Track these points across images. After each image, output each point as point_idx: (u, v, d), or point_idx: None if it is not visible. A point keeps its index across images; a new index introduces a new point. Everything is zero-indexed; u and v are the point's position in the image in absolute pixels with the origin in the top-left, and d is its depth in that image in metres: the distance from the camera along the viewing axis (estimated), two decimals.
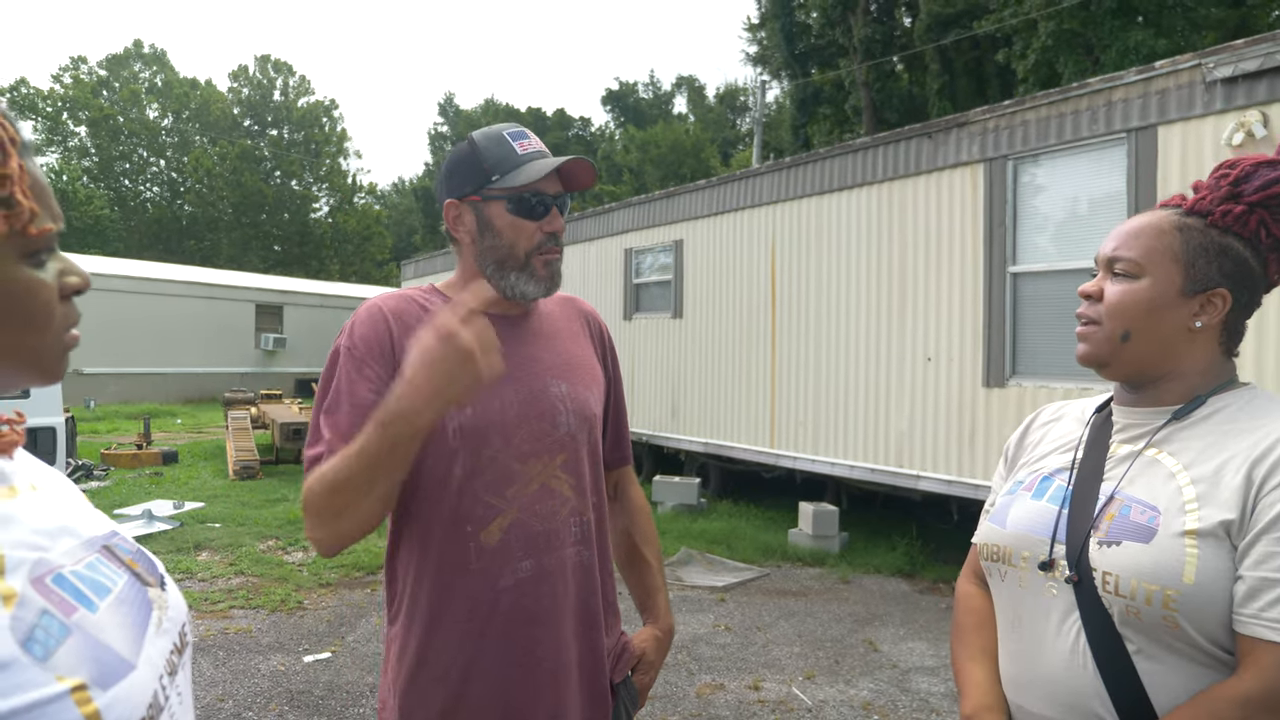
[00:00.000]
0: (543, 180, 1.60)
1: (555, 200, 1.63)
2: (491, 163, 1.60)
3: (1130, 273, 1.30)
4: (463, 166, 1.63)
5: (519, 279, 1.63)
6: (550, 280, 1.65)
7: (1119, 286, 1.31)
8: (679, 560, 7.34)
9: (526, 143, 1.63)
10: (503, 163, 1.60)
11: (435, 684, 1.57)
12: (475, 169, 1.61)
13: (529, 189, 1.60)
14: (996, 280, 6.57)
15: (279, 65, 49.85)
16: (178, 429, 17.73)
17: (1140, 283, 1.29)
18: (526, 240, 1.61)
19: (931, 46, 23.28)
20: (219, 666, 4.89)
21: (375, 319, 1.60)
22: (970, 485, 6.74)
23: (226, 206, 44.58)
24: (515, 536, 1.57)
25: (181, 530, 8.12)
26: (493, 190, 1.60)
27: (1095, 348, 1.34)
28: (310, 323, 26.55)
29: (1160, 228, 1.30)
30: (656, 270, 10.71)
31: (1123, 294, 1.30)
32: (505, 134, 1.63)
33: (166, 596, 0.87)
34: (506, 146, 1.61)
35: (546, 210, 1.62)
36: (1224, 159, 1.35)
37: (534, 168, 1.60)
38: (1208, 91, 5.32)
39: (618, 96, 55.02)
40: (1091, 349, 1.34)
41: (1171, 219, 1.30)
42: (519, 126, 1.66)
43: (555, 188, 1.64)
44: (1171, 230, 1.29)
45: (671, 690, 4.69)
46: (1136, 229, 1.32)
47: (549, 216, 1.63)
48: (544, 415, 1.62)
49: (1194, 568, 1.13)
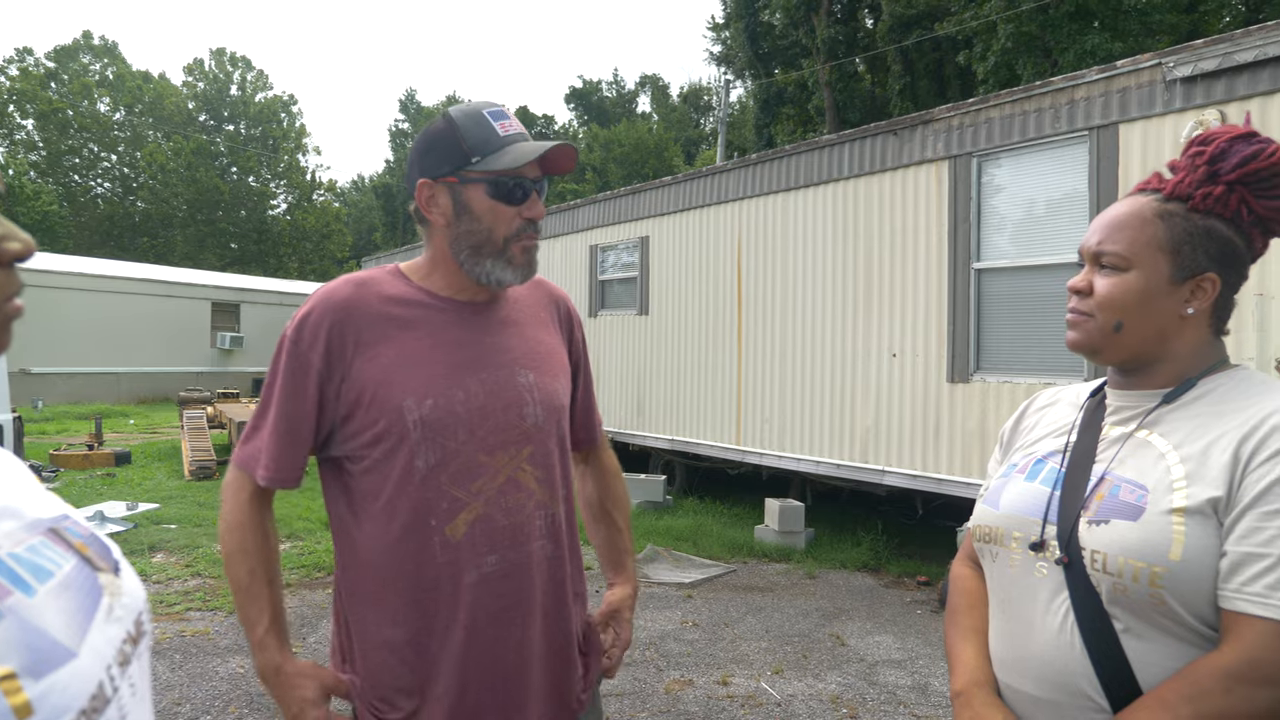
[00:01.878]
0: (524, 164, 1.55)
1: (536, 185, 1.59)
2: (471, 143, 1.54)
3: (1118, 266, 1.29)
4: (439, 145, 1.57)
5: (495, 265, 1.58)
6: (528, 267, 1.61)
7: (1108, 280, 1.30)
8: (645, 557, 7.31)
9: (508, 123, 1.57)
10: (484, 144, 1.54)
11: (397, 680, 1.54)
12: (453, 149, 1.55)
13: (511, 173, 1.55)
14: (961, 276, 6.62)
15: (236, 59, 49.08)
16: (131, 430, 17.37)
17: (1129, 275, 1.28)
18: (506, 225, 1.57)
19: (893, 48, 23.49)
20: (175, 670, 4.78)
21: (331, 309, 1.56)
22: (935, 480, 6.79)
23: (181, 203, 43.76)
24: (481, 531, 1.53)
25: (135, 532, 7.94)
26: (472, 173, 1.55)
27: (1087, 337, 1.33)
28: (268, 321, 26.15)
29: (1143, 217, 1.29)
30: (622, 267, 10.69)
31: (1112, 287, 1.29)
32: (486, 113, 1.57)
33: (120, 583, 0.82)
34: (488, 127, 1.55)
35: (527, 195, 1.57)
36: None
37: (518, 151, 1.55)
38: (1167, 90, 5.39)
39: (581, 95, 54.94)
40: (1083, 337, 1.34)
41: (1153, 206, 1.29)
42: (499, 105, 1.60)
43: (535, 172, 1.59)
44: (1154, 219, 1.28)
45: (640, 687, 4.66)
46: (1119, 220, 1.31)
47: (530, 201, 1.58)
48: (511, 406, 1.58)
49: (1181, 545, 1.14)
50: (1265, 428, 1.17)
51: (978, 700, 1.32)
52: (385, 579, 1.54)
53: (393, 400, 1.50)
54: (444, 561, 1.52)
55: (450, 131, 1.56)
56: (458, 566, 1.52)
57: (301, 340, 1.53)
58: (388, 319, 1.56)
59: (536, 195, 1.59)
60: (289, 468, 1.56)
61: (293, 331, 1.54)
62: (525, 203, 1.57)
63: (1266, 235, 1.30)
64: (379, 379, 1.51)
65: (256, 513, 1.57)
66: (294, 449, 1.55)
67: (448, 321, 1.59)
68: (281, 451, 1.54)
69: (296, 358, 1.53)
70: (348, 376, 1.53)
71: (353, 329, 1.53)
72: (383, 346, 1.53)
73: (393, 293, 1.59)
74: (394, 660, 1.54)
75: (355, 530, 1.57)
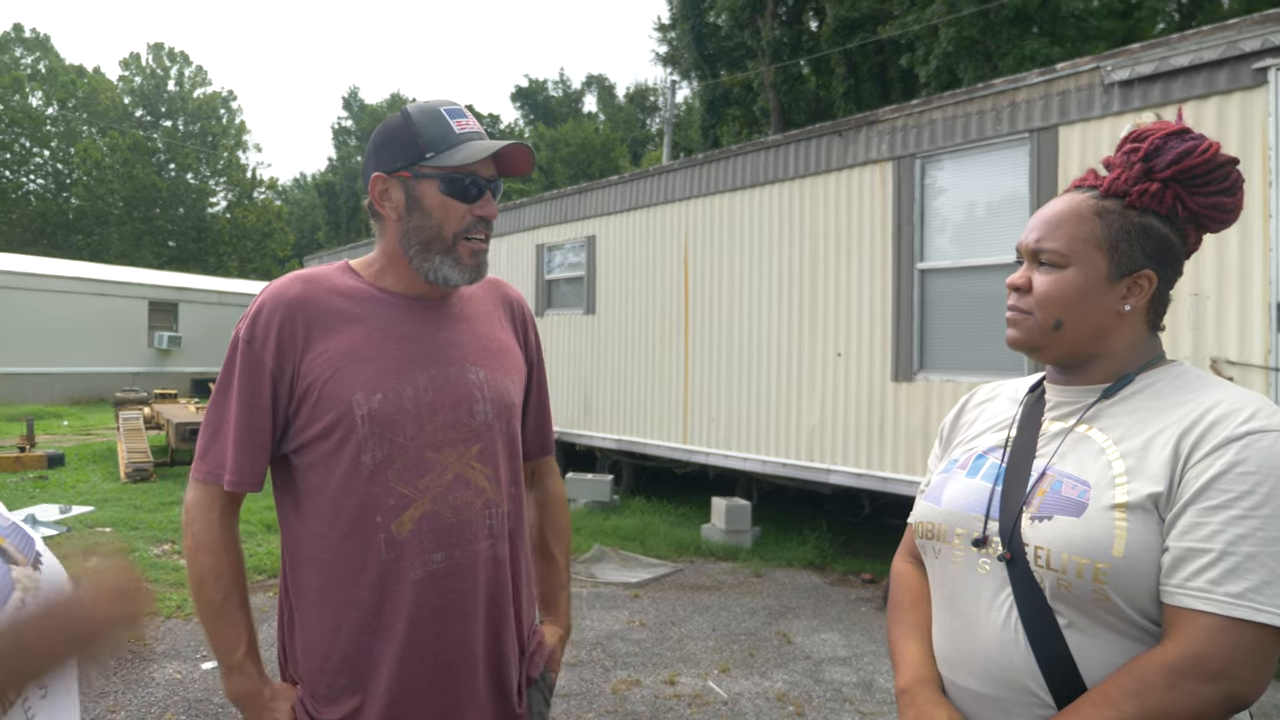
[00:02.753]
0: (479, 162, 1.55)
1: (490, 184, 1.59)
2: (427, 139, 1.55)
3: (1056, 263, 1.30)
4: (395, 140, 1.57)
5: (443, 263, 1.58)
6: (475, 268, 1.61)
7: (1047, 277, 1.31)
8: (592, 557, 7.28)
9: (464, 121, 1.58)
10: (439, 140, 1.55)
11: (338, 677, 1.52)
12: (409, 144, 1.55)
13: (465, 170, 1.55)
14: (905, 277, 6.69)
15: (174, 54, 48.02)
16: (64, 431, 16.89)
17: (1067, 272, 1.29)
18: (456, 222, 1.56)
19: (837, 50, 23.72)
20: (109, 676, 4.65)
21: (281, 305, 1.54)
22: (879, 478, 6.85)
23: (117, 200, 42.62)
24: (427, 528, 1.52)
25: (69, 535, 7.70)
26: (426, 168, 1.55)
27: (1026, 335, 1.34)
28: (208, 321, 25.61)
29: (1080, 214, 1.30)
30: (568, 267, 10.64)
31: (1051, 285, 1.30)
32: (443, 110, 1.58)
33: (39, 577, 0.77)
34: (444, 124, 1.56)
35: (480, 193, 1.57)
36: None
37: (472, 148, 1.55)
38: (1106, 93, 5.50)
39: (527, 94, 54.65)
40: (1022, 335, 1.35)
41: (1090, 203, 1.30)
42: (457, 104, 1.61)
43: (489, 171, 1.59)
44: (1091, 216, 1.29)
45: (587, 687, 4.63)
46: (1057, 217, 1.31)
47: (482, 200, 1.58)
48: (460, 403, 1.57)
49: (1124, 540, 1.14)
50: (1204, 423, 1.18)
51: (922, 698, 1.31)
52: (329, 575, 1.52)
53: (342, 394, 1.49)
54: (389, 558, 1.50)
55: (406, 127, 1.56)
56: (403, 563, 1.50)
57: (254, 339, 1.51)
58: (337, 314, 1.55)
59: (490, 194, 1.59)
60: (252, 471, 1.54)
61: (245, 332, 1.53)
62: (478, 200, 1.57)
63: (1200, 231, 1.31)
64: (328, 373, 1.50)
65: (229, 531, 1.56)
66: (257, 451, 1.54)
67: (398, 317, 1.59)
68: (245, 455, 1.53)
69: (250, 358, 1.52)
70: (298, 372, 1.51)
71: (303, 324, 1.52)
72: (332, 341, 1.52)
73: (343, 288, 1.59)
74: (336, 657, 1.52)
75: (299, 527, 1.56)
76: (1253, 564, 1.08)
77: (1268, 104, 4.83)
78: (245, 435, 1.52)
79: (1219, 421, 1.17)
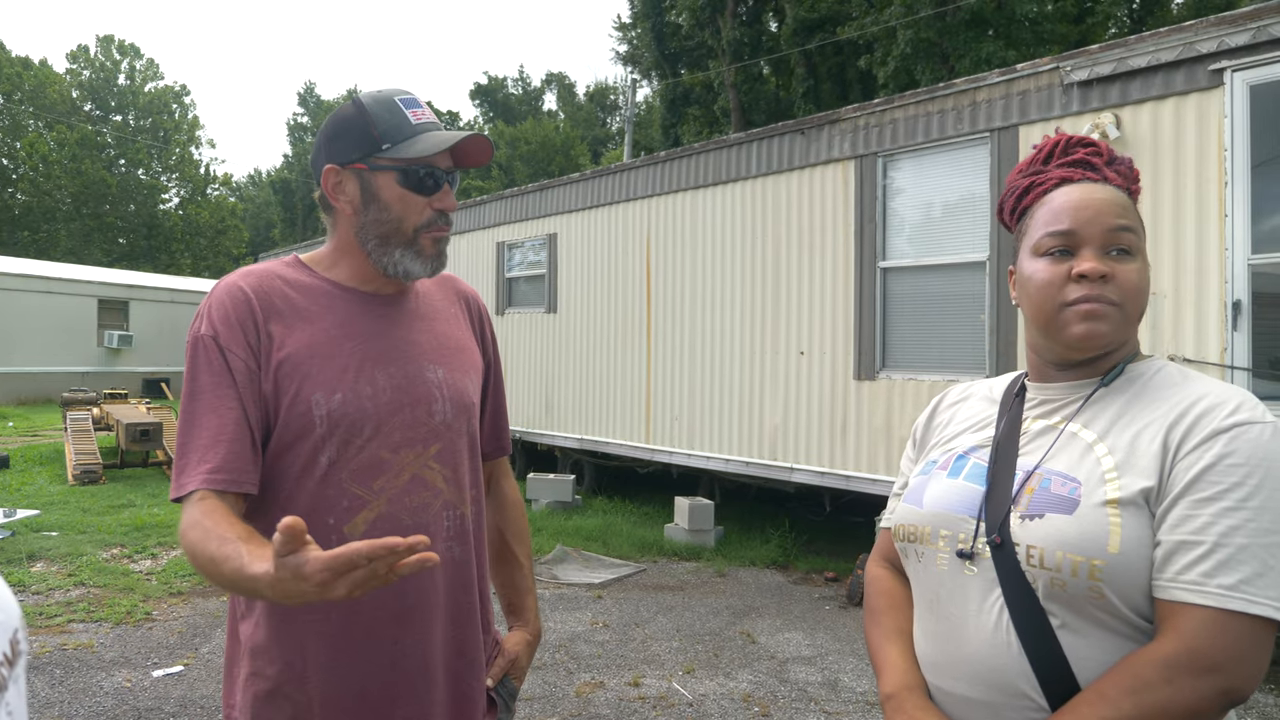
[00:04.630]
0: (437, 154, 1.51)
1: (448, 176, 1.54)
2: (382, 130, 1.49)
3: (1135, 249, 1.25)
4: (349, 131, 1.51)
5: (404, 256, 1.53)
6: (437, 259, 1.56)
7: (1130, 266, 1.24)
8: (555, 558, 7.22)
9: (420, 111, 1.53)
10: (395, 131, 1.50)
11: (289, 685, 1.45)
12: (363, 135, 1.50)
13: (422, 162, 1.50)
14: (867, 275, 6.70)
15: (124, 47, 47.09)
16: (10, 432, 16.50)
17: (1138, 262, 1.25)
18: (416, 215, 1.52)
19: (797, 51, 23.85)
20: (55, 685, 4.51)
21: (238, 300, 1.46)
22: (842, 477, 6.86)
23: (65, 196, 41.72)
24: (382, 530, 1.45)
25: (13, 540, 7.50)
26: (382, 160, 1.50)
27: (1115, 330, 1.25)
28: (160, 319, 25.15)
29: (1126, 204, 1.27)
30: (529, 265, 10.55)
31: (1138, 274, 1.24)
32: (398, 100, 1.53)
33: None
34: (400, 114, 1.51)
35: (439, 185, 1.53)
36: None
37: (430, 140, 1.50)
38: (1065, 93, 5.54)
39: (486, 91, 54.39)
40: (1110, 330, 1.24)
41: (1119, 195, 1.28)
42: (411, 93, 1.56)
43: (447, 162, 1.54)
44: (1133, 207, 1.28)
45: (550, 690, 4.57)
46: (1118, 205, 1.27)
47: (442, 192, 1.53)
48: (419, 402, 1.53)
49: (1118, 537, 1.13)
50: (1192, 415, 1.17)
51: (910, 704, 1.29)
52: None
53: (302, 393, 1.44)
54: None
55: (360, 117, 1.51)
56: None
57: (217, 334, 1.44)
58: (293, 310, 1.49)
59: (449, 186, 1.55)
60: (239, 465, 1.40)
61: (204, 328, 1.45)
62: (437, 193, 1.53)
63: None
64: (288, 370, 1.45)
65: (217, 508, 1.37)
66: (243, 446, 1.41)
67: (355, 313, 1.54)
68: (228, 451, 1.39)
69: (214, 351, 1.43)
70: (262, 365, 1.45)
71: (261, 319, 1.46)
72: (290, 337, 1.47)
73: (296, 283, 1.53)
74: (282, 664, 1.45)
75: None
76: (1245, 555, 1.08)
77: (1224, 105, 4.89)
78: (226, 431, 1.40)
79: (1206, 414, 1.16)
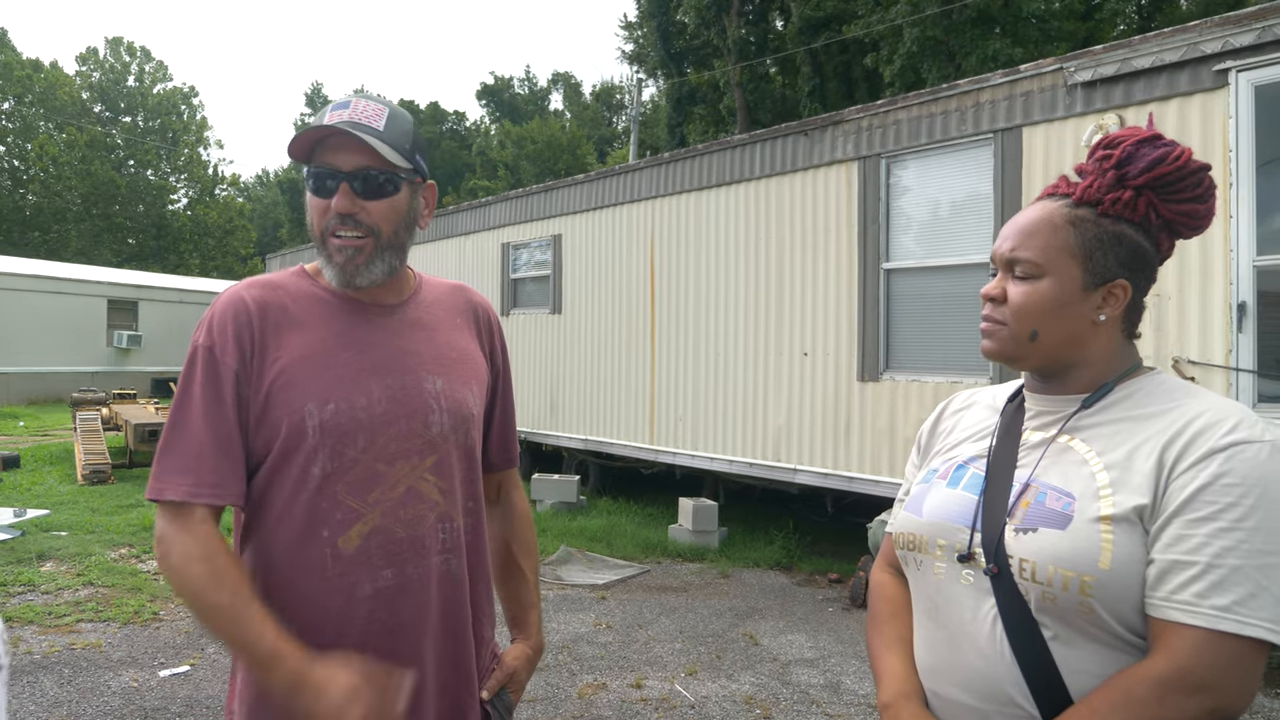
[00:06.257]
0: (336, 153, 1.46)
1: (350, 176, 1.46)
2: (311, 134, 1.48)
3: (1031, 273, 1.28)
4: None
5: (325, 264, 1.52)
6: (344, 267, 1.49)
7: (1022, 288, 1.29)
8: (559, 559, 7.23)
9: (341, 112, 1.47)
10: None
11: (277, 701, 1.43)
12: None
13: (322, 164, 1.47)
14: (870, 276, 6.70)
15: (133, 49, 47.23)
16: (20, 432, 16.57)
17: (1042, 283, 1.27)
18: (320, 219, 1.49)
19: (803, 50, 23.80)
20: (64, 685, 4.53)
21: (239, 312, 1.46)
22: (845, 478, 6.86)
23: (75, 197, 41.85)
24: (376, 543, 1.45)
25: (23, 540, 7.54)
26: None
27: (1001, 346, 1.32)
28: (168, 319, 25.22)
29: (1054, 223, 1.28)
30: (534, 265, 10.56)
31: (1026, 295, 1.28)
32: (331, 103, 1.50)
33: None
34: (323, 117, 1.47)
35: (336, 187, 1.46)
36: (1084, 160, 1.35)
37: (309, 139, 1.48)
38: (1069, 94, 5.53)
39: (493, 91, 54.43)
40: (997, 346, 1.33)
41: (1063, 212, 1.28)
42: (355, 95, 1.52)
43: (355, 161, 1.46)
44: (1065, 225, 1.27)
45: (553, 691, 4.58)
46: (1030, 226, 1.30)
47: (336, 194, 1.46)
48: (415, 414, 1.51)
49: (1110, 553, 1.13)
50: (1188, 434, 1.17)
51: (906, 712, 1.30)
52: (273, 593, 1.44)
53: (295, 403, 1.43)
54: (334, 574, 1.43)
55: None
56: (350, 580, 1.44)
57: (214, 345, 1.44)
58: (292, 320, 1.49)
59: (347, 187, 1.45)
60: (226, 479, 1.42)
61: (203, 339, 1.45)
62: (333, 195, 1.47)
63: (1173, 238, 1.30)
64: (283, 381, 1.44)
65: (216, 540, 1.39)
66: (232, 460, 1.42)
67: (353, 323, 1.52)
68: (217, 464, 1.41)
69: (212, 364, 1.43)
70: (258, 379, 1.44)
71: (259, 330, 1.46)
72: (287, 348, 1.46)
73: (297, 292, 1.52)
74: None
75: (244, 543, 1.50)
76: (1238, 576, 1.08)
77: (1228, 105, 4.87)
78: (216, 443, 1.41)
79: (1202, 432, 1.16)
